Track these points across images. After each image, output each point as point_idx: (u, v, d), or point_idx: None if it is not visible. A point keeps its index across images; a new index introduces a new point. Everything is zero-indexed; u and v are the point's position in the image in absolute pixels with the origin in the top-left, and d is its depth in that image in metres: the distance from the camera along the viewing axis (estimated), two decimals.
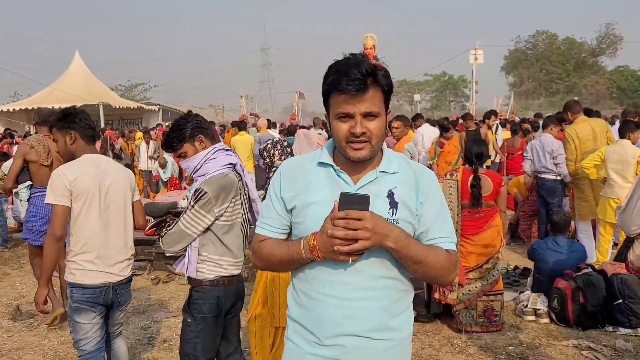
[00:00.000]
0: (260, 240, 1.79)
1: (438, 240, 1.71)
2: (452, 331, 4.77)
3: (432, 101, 72.68)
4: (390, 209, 1.65)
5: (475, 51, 27.93)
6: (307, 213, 1.68)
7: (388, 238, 1.55)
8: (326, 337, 1.66)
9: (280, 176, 1.79)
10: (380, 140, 1.66)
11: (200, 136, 2.88)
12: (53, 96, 23.69)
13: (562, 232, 5.44)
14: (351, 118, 1.61)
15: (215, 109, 45.56)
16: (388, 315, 1.68)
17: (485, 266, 4.69)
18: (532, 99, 62.91)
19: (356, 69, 1.57)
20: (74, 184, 3.00)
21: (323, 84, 1.66)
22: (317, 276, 1.67)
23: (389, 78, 1.66)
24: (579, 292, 4.73)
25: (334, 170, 1.71)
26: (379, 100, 1.63)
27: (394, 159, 1.74)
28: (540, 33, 64.56)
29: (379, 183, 1.68)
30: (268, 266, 1.84)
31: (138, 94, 51.93)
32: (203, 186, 2.76)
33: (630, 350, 4.26)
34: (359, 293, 1.64)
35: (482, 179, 4.68)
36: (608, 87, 54.41)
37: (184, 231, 2.76)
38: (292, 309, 1.78)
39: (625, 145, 6.14)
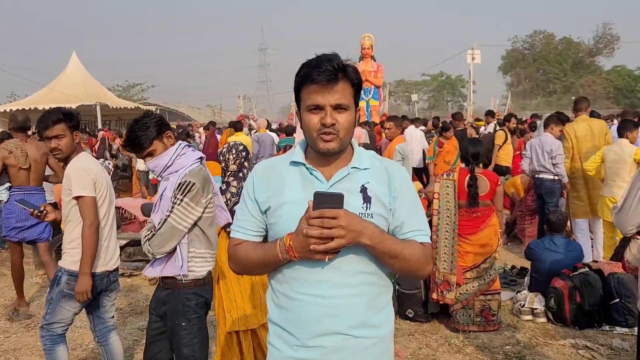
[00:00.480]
0: (236, 244, 1.79)
1: (413, 233, 1.73)
2: (450, 331, 4.78)
3: (430, 101, 72.76)
4: (364, 203, 1.67)
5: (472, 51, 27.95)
6: (281, 213, 1.69)
7: (363, 235, 1.57)
8: (307, 337, 1.66)
9: (253, 178, 1.79)
10: (349, 134, 1.69)
11: (169, 132, 2.86)
12: (50, 96, 23.61)
13: (558, 231, 5.46)
14: (321, 110, 1.64)
15: (213, 109, 45.51)
16: (369, 311, 1.69)
17: (483, 265, 4.70)
18: (529, 99, 63.03)
19: (327, 62, 1.62)
20: (96, 177, 3.23)
21: (295, 80, 1.70)
22: (295, 276, 1.67)
23: (358, 74, 1.70)
24: (576, 292, 4.74)
25: (307, 168, 1.72)
26: (349, 94, 1.67)
27: (365, 155, 1.77)
28: (537, 33, 64.74)
29: (351, 179, 1.70)
30: (245, 269, 1.84)
31: (135, 94, 51.86)
32: (188, 178, 2.72)
33: (627, 350, 4.27)
34: (339, 290, 1.64)
35: (479, 179, 4.69)
36: (605, 86, 54.53)
37: (176, 227, 2.70)
38: (271, 312, 1.78)
39: (622, 145, 6.17)
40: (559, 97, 57.98)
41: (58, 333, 3.33)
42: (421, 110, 56.12)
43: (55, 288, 3.29)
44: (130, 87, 53.96)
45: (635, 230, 2.69)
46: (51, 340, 3.32)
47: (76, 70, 25.65)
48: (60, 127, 3.21)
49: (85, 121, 25.29)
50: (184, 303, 2.81)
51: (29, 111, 23.21)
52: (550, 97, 59.84)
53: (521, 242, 7.60)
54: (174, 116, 36.34)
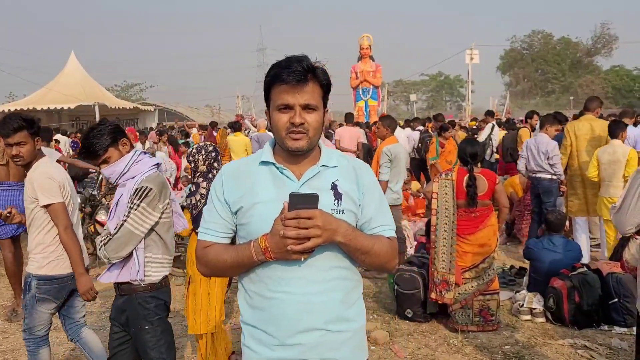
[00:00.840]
0: (205, 246, 1.79)
1: (380, 228, 1.79)
2: (449, 331, 4.78)
3: (428, 101, 72.87)
4: (336, 200, 1.71)
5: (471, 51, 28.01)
6: (253, 213, 1.70)
7: (338, 233, 1.61)
8: (286, 335, 1.67)
9: (222, 179, 1.79)
10: (317, 133, 1.72)
11: (124, 139, 2.86)
12: (49, 96, 23.62)
13: (557, 231, 5.46)
14: (291, 109, 1.67)
15: (212, 109, 45.51)
16: (344, 305, 1.73)
17: (482, 265, 4.71)
18: (527, 99, 63.12)
19: (297, 63, 1.65)
20: (61, 182, 3.26)
21: (265, 80, 1.73)
22: (271, 275, 1.68)
23: (327, 75, 1.74)
24: (575, 292, 4.74)
25: (277, 167, 1.75)
26: (318, 95, 1.70)
27: (332, 154, 1.82)
28: (535, 33, 64.87)
29: (321, 177, 1.74)
30: (215, 272, 1.85)
31: (134, 94, 51.88)
32: (145, 183, 2.73)
33: (626, 349, 4.28)
34: (314, 286, 1.67)
35: (478, 179, 4.70)
36: (603, 86, 54.63)
37: (133, 232, 2.69)
38: (245, 314, 1.78)
39: (615, 145, 6.20)
40: (558, 97, 58.12)
41: (40, 335, 3.40)
42: (420, 110, 56.15)
43: (27, 293, 3.34)
44: (129, 87, 53.97)
45: (634, 230, 2.70)
46: (34, 343, 3.40)
47: (75, 70, 25.66)
48: (22, 134, 3.20)
49: (83, 121, 25.35)
50: (143, 306, 2.81)
51: (27, 111, 23.22)
52: (548, 97, 59.96)
53: (520, 242, 7.60)
54: (172, 116, 36.31)
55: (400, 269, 5.14)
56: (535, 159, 6.92)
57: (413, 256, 5.49)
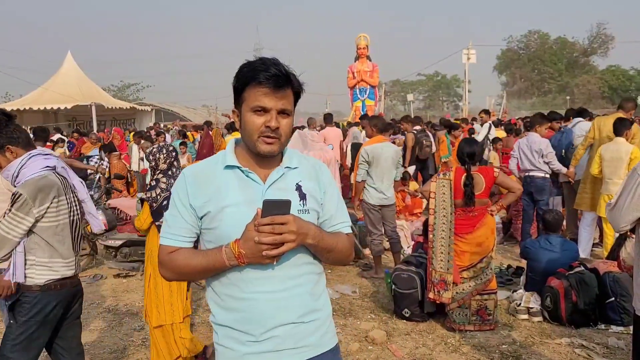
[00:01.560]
0: (170, 251, 1.78)
1: (340, 226, 1.88)
2: (446, 330, 4.78)
3: (425, 101, 72.93)
4: (301, 200, 1.77)
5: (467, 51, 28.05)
6: (222, 217, 1.71)
7: (308, 236, 1.67)
8: (261, 332, 1.71)
9: (185, 184, 1.78)
10: (288, 138, 1.77)
11: (9, 147, 2.91)
12: (45, 97, 23.57)
13: (554, 230, 5.47)
14: (267, 112, 1.69)
15: (209, 109, 45.44)
16: (313, 297, 1.80)
17: (479, 265, 4.71)
18: (524, 99, 63.26)
19: (275, 67, 1.67)
20: None
21: (236, 79, 1.73)
22: (243, 277, 1.70)
23: (300, 83, 1.77)
24: (572, 291, 4.75)
25: (242, 171, 1.76)
26: (291, 100, 1.75)
27: (293, 155, 1.86)
28: (532, 33, 64.95)
29: (285, 179, 1.79)
30: (182, 276, 1.84)
31: (131, 94, 51.80)
32: (18, 189, 2.80)
33: (623, 348, 4.29)
34: (286, 283, 1.73)
35: (475, 177, 4.70)
36: (600, 86, 54.77)
37: (5, 236, 2.76)
38: (217, 315, 1.79)
39: (619, 143, 6.23)
40: (554, 97, 58.24)
41: None
42: (417, 110, 56.15)
43: None
44: (126, 87, 53.89)
45: (629, 227, 2.70)
46: None
47: (71, 70, 25.61)
48: None
49: (80, 121, 25.30)
50: (19, 303, 2.87)
51: (23, 111, 23.15)
52: (545, 97, 60.08)
53: (517, 242, 7.62)
54: (169, 116, 36.27)
55: (397, 269, 5.14)
56: (529, 158, 6.99)
57: (410, 256, 5.49)
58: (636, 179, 2.60)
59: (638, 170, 2.63)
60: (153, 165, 3.91)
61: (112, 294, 6.07)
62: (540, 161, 6.93)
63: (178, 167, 3.97)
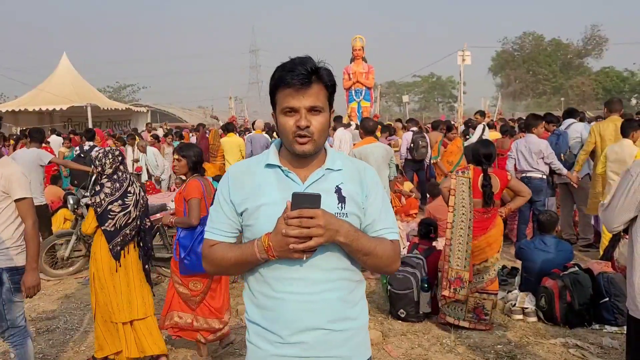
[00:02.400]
0: (211, 245, 1.82)
1: (383, 231, 1.80)
2: (441, 331, 4.80)
3: (421, 102, 73.02)
4: (339, 203, 1.73)
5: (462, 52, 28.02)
6: (258, 215, 1.72)
7: (339, 233, 1.63)
8: (288, 334, 1.69)
9: (228, 181, 1.82)
10: (323, 136, 1.73)
11: None
12: (40, 97, 23.44)
13: (548, 231, 5.50)
14: (296, 112, 1.68)
15: (204, 111, 45.37)
16: (346, 305, 1.75)
17: (484, 264, 4.73)
18: (519, 100, 63.42)
19: (301, 66, 1.65)
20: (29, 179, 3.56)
21: (270, 83, 1.73)
22: (275, 275, 1.71)
23: (332, 76, 1.74)
24: (566, 291, 4.78)
25: (282, 171, 1.76)
26: (323, 96, 1.71)
27: (337, 157, 1.83)
28: (527, 34, 65.14)
29: (326, 180, 1.76)
30: (220, 270, 1.87)
31: (126, 96, 51.68)
32: None
33: (617, 348, 4.32)
34: (316, 286, 1.69)
35: (492, 178, 4.73)
36: (594, 87, 54.97)
37: None
38: (250, 312, 1.81)
39: (624, 145, 6.22)
40: (549, 98, 58.44)
41: (23, 325, 3.57)
42: (412, 112, 56.25)
43: (1, 288, 3.44)
44: (122, 89, 53.78)
45: (622, 228, 2.73)
46: (20, 334, 3.55)
47: (66, 71, 25.49)
48: None
49: (75, 122, 25.19)
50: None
51: (18, 112, 23.05)
52: (539, 98, 60.26)
53: (512, 243, 7.64)
54: (165, 117, 36.20)
55: None
56: (527, 159, 7.02)
57: (406, 256, 5.51)
58: (630, 180, 2.63)
59: (631, 171, 2.65)
60: (99, 170, 3.97)
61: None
62: (538, 162, 6.96)
63: (125, 170, 4.05)
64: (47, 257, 6.81)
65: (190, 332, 4.25)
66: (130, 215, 3.96)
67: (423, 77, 69.51)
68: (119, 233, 3.92)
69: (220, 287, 4.30)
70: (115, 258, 3.94)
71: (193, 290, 4.18)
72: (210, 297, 4.25)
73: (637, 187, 2.59)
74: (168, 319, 4.26)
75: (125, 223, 3.94)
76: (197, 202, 4.05)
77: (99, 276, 3.97)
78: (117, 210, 3.89)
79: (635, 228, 2.66)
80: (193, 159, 4.22)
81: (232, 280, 6.32)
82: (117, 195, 3.90)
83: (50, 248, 6.83)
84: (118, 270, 3.96)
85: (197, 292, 4.18)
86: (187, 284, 4.17)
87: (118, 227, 3.91)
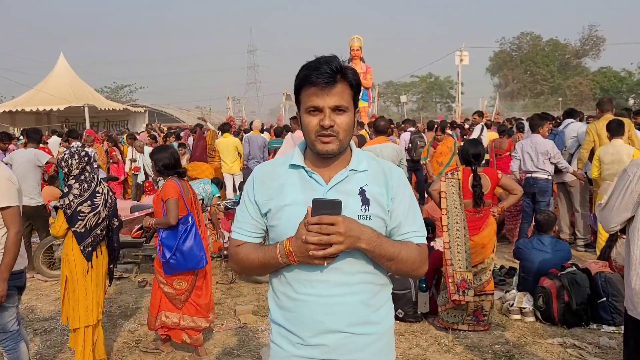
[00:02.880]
0: (237, 245, 1.82)
1: (409, 234, 1.76)
2: (439, 331, 4.80)
3: (419, 102, 73.01)
4: (363, 205, 1.69)
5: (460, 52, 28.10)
6: (281, 215, 1.71)
7: (361, 240, 1.60)
8: (309, 336, 1.69)
9: (253, 181, 1.81)
10: (348, 135, 1.70)
11: None
12: (37, 98, 23.41)
13: (546, 231, 5.51)
14: (320, 111, 1.66)
15: (202, 111, 45.32)
16: (369, 309, 1.72)
17: (481, 265, 4.73)
18: (516, 100, 63.48)
19: (326, 65, 1.63)
20: (17, 185, 3.41)
21: (295, 82, 1.71)
22: (297, 277, 1.70)
23: (357, 76, 1.71)
24: (564, 291, 4.79)
25: (306, 171, 1.74)
26: (348, 95, 1.68)
27: (362, 157, 1.79)
28: (524, 35, 65.21)
29: (350, 181, 1.73)
30: (245, 270, 1.87)
31: (124, 96, 51.59)
32: None
33: (614, 348, 4.32)
34: (339, 289, 1.67)
35: (482, 178, 4.73)
36: (591, 88, 55.03)
37: None
38: (273, 312, 1.81)
39: (617, 145, 6.27)
40: (546, 99, 58.49)
41: (15, 329, 3.51)
42: (410, 112, 56.29)
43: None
44: (119, 89, 53.69)
45: (619, 228, 2.73)
46: (12, 339, 3.50)
47: (64, 71, 25.45)
48: None
49: (73, 123, 25.16)
50: None
51: (16, 113, 23.02)
52: (537, 99, 60.30)
53: (510, 242, 7.66)
54: (162, 118, 36.15)
55: None
56: (533, 159, 7.02)
57: None
58: (627, 180, 2.63)
59: (628, 171, 2.66)
60: (66, 171, 3.95)
61: (105, 296, 6.04)
62: (544, 162, 6.97)
63: (92, 171, 4.01)
64: (45, 257, 6.80)
65: (177, 332, 4.28)
66: (100, 215, 3.95)
67: (421, 77, 69.53)
68: (90, 234, 3.90)
69: (205, 284, 4.35)
70: (87, 259, 3.92)
71: (178, 289, 4.23)
72: (196, 295, 4.29)
73: (634, 187, 2.59)
74: (158, 319, 4.29)
75: (95, 223, 3.92)
76: (175, 201, 4.08)
77: (73, 278, 3.94)
78: (86, 211, 3.87)
79: (632, 228, 2.66)
80: (164, 161, 4.24)
81: (230, 281, 6.33)
82: (86, 196, 3.88)
83: (47, 249, 6.82)
84: (89, 272, 3.95)
85: (181, 290, 4.23)
86: (171, 284, 4.22)
87: (88, 228, 3.89)
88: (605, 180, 6.31)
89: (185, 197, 4.19)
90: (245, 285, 6.25)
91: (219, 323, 5.09)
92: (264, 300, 5.69)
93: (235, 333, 4.85)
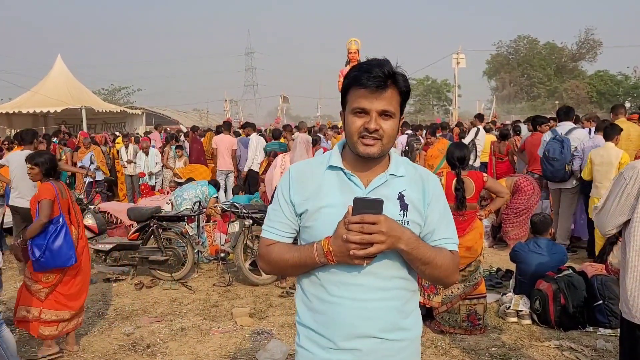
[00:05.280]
0: (268, 244, 1.79)
1: (443, 241, 1.76)
2: (436, 333, 4.80)
3: (416, 105, 73.06)
4: (401, 210, 1.69)
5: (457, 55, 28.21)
6: (318, 217, 1.69)
7: (401, 240, 1.59)
8: (341, 340, 1.67)
9: (289, 180, 1.78)
10: (391, 141, 1.69)
11: None
12: (34, 100, 23.36)
13: (541, 233, 5.52)
14: (367, 114, 1.64)
15: (200, 113, 45.31)
16: (400, 315, 1.71)
17: (468, 269, 4.74)
18: (513, 103, 63.57)
19: (378, 68, 1.62)
20: None
21: (344, 81, 1.71)
22: (331, 279, 1.68)
23: (407, 82, 1.70)
24: (560, 294, 4.79)
25: (344, 173, 1.73)
26: (396, 102, 1.67)
27: (400, 162, 1.79)
28: (521, 38, 65.32)
29: (389, 186, 1.72)
30: (277, 270, 1.85)
31: (121, 98, 51.48)
32: None
33: (611, 350, 4.33)
34: (373, 294, 1.66)
35: (465, 181, 4.74)
36: (588, 91, 55.15)
37: None
38: (302, 315, 1.78)
39: (609, 148, 6.40)
40: (543, 102, 58.56)
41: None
42: (407, 114, 56.27)
43: None
44: (116, 91, 53.55)
45: (615, 231, 2.74)
46: None
47: (61, 73, 25.41)
48: None
49: (70, 125, 25.11)
50: None
51: (12, 115, 22.97)
52: (534, 102, 60.39)
53: (506, 245, 7.67)
54: (160, 120, 36.12)
55: None
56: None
57: None
58: (623, 183, 2.64)
59: (624, 175, 2.67)
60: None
61: (102, 298, 6.03)
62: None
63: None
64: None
65: (34, 325, 4.38)
66: None
67: (418, 80, 69.55)
68: None
69: (75, 279, 4.49)
70: None
71: (45, 283, 4.36)
72: (63, 285, 4.43)
73: (630, 191, 2.60)
74: (18, 313, 4.41)
75: None
76: (48, 202, 4.26)
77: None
78: None
79: (628, 231, 2.67)
80: (46, 165, 4.46)
81: (226, 284, 6.32)
82: None
83: None
84: None
85: (48, 284, 4.37)
86: (39, 279, 4.35)
87: None
88: (595, 181, 6.45)
89: (61, 199, 4.39)
90: (242, 288, 6.24)
91: (215, 325, 5.08)
92: (261, 303, 5.69)
93: (231, 335, 4.84)
